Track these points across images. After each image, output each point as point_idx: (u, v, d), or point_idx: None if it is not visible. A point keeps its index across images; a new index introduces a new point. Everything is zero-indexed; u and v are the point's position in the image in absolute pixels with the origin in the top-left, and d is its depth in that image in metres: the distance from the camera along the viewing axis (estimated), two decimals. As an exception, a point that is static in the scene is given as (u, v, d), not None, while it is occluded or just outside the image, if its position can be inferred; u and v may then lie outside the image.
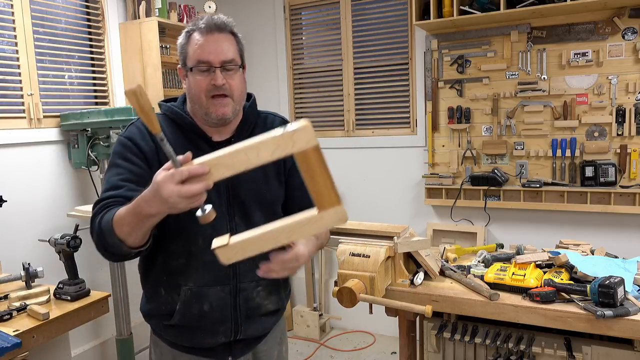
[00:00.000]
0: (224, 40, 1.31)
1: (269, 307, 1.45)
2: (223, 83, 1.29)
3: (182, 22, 3.33)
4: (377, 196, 3.63)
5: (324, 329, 3.74)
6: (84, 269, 2.38)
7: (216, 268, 1.28)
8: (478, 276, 1.99)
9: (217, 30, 1.30)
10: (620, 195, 2.85)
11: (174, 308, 1.35)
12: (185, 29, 1.35)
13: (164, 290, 1.37)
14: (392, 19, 3.53)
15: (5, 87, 2.62)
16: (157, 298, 1.39)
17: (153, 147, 1.31)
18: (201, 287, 1.34)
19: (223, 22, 1.32)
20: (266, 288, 1.43)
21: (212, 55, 1.28)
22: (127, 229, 1.12)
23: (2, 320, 1.72)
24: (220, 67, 1.29)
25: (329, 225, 1.03)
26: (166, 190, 0.97)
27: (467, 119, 3.20)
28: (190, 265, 1.34)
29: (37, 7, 2.77)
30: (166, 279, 1.36)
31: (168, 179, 0.97)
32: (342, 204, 1.01)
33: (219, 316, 1.36)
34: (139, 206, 1.07)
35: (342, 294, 1.81)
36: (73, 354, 2.74)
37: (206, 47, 1.28)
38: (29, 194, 2.68)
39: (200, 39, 1.30)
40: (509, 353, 1.96)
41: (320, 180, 1.00)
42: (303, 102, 3.92)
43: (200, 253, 1.32)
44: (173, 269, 1.34)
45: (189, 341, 1.40)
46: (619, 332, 1.65)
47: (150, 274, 1.40)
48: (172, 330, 1.39)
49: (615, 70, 2.83)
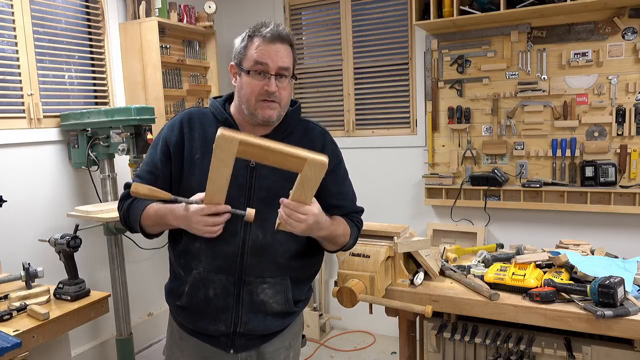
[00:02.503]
0: (283, 50, 1.40)
1: (275, 307, 1.46)
2: (275, 91, 1.38)
3: (182, 22, 3.33)
4: (377, 196, 3.63)
5: (324, 329, 3.74)
6: (84, 269, 2.38)
7: (224, 256, 1.42)
8: (478, 276, 1.99)
9: (279, 40, 1.39)
10: (620, 195, 2.85)
11: (185, 289, 1.46)
12: (248, 31, 1.42)
13: (182, 272, 1.48)
14: (392, 19, 3.53)
15: (5, 87, 2.62)
16: (177, 277, 1.51)
17: (179, 140, 1.45)
18: (209, 273, 1.43)
19: (286, 33, 1.41)
20: (273, 287, 1.44)
21: (270, 61, 1.37)
22: (150, 223, 1.43)
23: (2, 320, 1.71)
24: (275, 75, 1.38)
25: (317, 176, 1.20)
26: (194, 219, 1.27)
27: (467, 119, 3.20)
28: (202, 250, 1.43)
29: (37, 7, 2.77)
30: (183, 261, 1.47)
31: (199, 211, 1.27)
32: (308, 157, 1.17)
33: (221, 304, 1.43)
34: (166, 216, 1.36)
35: (342, 294, 1.81)
36: (73, 354, 2.74)
37: (267, 52, 1.37)
38: (29, 194, 2.68)
39: (262, 44, 1.38)
40: (509, 353, 1.96)
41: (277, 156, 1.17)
42: (303, 102, 3.92)
43: (213, 240, 1.38)
44: (190, 252, 1.45)
45: (193, 324, 1.48)
46: (619, 332, 1.65)
47: (175, 255, 1.51)
48: (182, 311, 1.50)
49: (615, 70, 2.83)
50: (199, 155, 1.42)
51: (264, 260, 1.43)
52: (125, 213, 1.48)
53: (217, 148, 1.16)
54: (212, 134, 1.40)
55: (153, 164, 1.47)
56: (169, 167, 1.45)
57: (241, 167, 1.36)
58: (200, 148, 1.43)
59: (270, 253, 1.43)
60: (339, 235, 1.46)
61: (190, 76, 3.53)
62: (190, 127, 1.46)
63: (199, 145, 1.43)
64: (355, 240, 1.58)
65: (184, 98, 3.48)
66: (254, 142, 1.16)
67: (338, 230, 1.45)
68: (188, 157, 1.44)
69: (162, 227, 1.44)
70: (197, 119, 1.47)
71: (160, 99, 3.08)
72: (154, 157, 1.48)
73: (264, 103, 1.38)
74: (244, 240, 1.41)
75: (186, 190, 1.39)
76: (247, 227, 1.40)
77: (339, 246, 1.51)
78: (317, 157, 1.18)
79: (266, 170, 1.38)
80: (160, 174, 1.45)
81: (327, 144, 1.53)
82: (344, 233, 1.48)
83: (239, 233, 1.40)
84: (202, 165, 1.39)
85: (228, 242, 1.40)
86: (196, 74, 3.58)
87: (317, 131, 1.54)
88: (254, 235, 1.41)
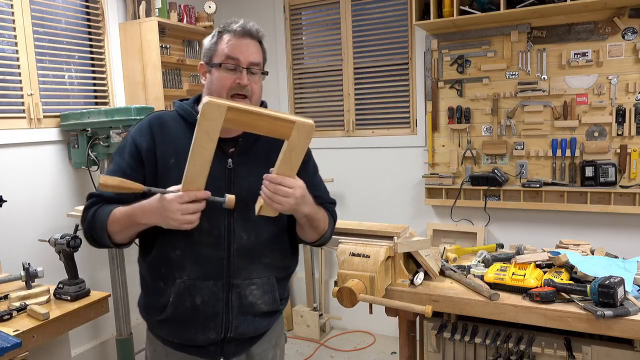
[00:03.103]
0: (253, 46, 1.40)
1: (263, 308, 1.44)
2: (247, 83, 1.36)
3: (182, 22, 3.33)
4: (377, 196, 3.63)
5: (324, 329, 3.74)
6: (84, 269, 2.38)
7: (209, 262, 1.37)
8: (478, 276, 1.99)
9: (249, 35, 1.39)
10: (620, 195, 2.85)
11: (168, 301, 1.38)
12: (217, 29, 1.42)
13: (162, 283, 1.40)
14: (392, 19, 3.53)
15: (5, 87, 2.62)
16: (154, 290, 1.42)
17: (151, 145, 1.39)
18: (194, 280, 1.37)
19: (256, 29, 1.41)
20: (260, 288, 1.43)
21: (242, 55, 1.36)
22: (118, 228, 1.32)
23: (2, 320, 1.71)
24: (247, 69, 1.37)
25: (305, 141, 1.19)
26: (172, 207, 1.19)
27: (467, 119, 3.20)
28: (185, 257, 1.37)
29: (37, 7, 2.77)
30: (164, 271, 1.40)
31: (177, 199, 1.19)
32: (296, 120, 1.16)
33: (210, 311, 1.38)
34: (135, 215, 1.28)
35: (342, 294, 1.81)
36: (73, 354, 2.74)
37: (237, 47, 1.37)
38: (29, 194, 2.68)
39: (232, 39, 1.38)
40: (509, 353, 1.96)
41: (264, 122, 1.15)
42: (303, 102, 3.92)
43: (196, 245, 1.36)
44: (170, 261, 1.38)
45: (180, 337, 1.42)
46: (619, 332, 1.65)
47: (150, 266, 1.43)
48: (165, 325, 1.42)
49: (615, 70, 2.83)
50: (174, 160, 1.37)
51: (250, 261, 1.40)
52: (89, 224, 1.37)
53: (203, 117, 1.10)
54: (184, 139, 1.36)
55: (121, 170, 1.37)
56: (141, 172, 1.37)
57: (219, 168, 1.33)
58: (174, 152, 1.37)
59: (256, 253, 1.41)
60: (320, 218, 1.43)
61: (190, 76, 3.53)
62: (161, 131, 1.40)
63: (172, 150, 1.38)
64: (332, 232, 1.55)
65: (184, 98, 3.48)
66: (242, 107, 1.13)
67: (319, 212, 1.43)
68: (161, 162, 1.38)
69: (132, 230, 1.33)
70: (166, 122, 1.42)
71: (160, 99, 3.08)
72: (120, 164, 1.39)
73: (234, 99, 1.35)
74: (229, 243, 1.37)
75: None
76: (231, 230, 1.37)
77: (319, 233, 1.47)
78: (305, 119, 1.17)
79: (244, 171, 1.38)
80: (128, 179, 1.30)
81: None
82: (324, 218, 1.46)
83: (224, 236, 1.37)
84: (178, 169, 1.31)
85: (213, 246, 1.37)
86: (196, 74, 3.58)
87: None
88: (238, 238, 1.38)
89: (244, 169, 1.38)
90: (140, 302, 1.49)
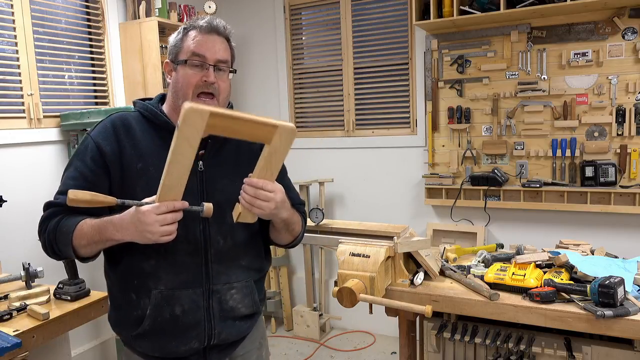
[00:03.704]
0: (220, 42, 1.35)
1: (243, 311, 1.41)
2: (214, 81, 1.31)
3: (182, 22, 3.33)
4: (377, 196, 3.63)
5: (324, 329, 3.74)
6: (84, 269, 2.37)
7: (188, 269, 1.32)
8: (478, 276, 1.99)
9: (216, 32, 1.34)
10: (620, 195, 2.85)
11: (145, 313, 1.31)
12: (182, 26, 1.38)
13: (134, 295, 1.33)
14: (392, 19, 3.53)
15: (5, 87, 2.62)
16: (127, 304, 1.34)
17: (116, 149, 1.31)
18: (173, 290, 1.31)
19: (223, 26, 1.36)
20: (240, 291, 1.40)
21: (208, 52, 1.31)
22: (84, 242, 1.23)
23: (2, 320, 1.72)
24: (214, 66, 1.32)
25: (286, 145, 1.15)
26: (149, 219, 1.11)
27: (467, 119, 3.20)
28: (161, 267, 1.31)
29: (37, 7, 2.77)
30: (137, 282, 1.32)
31: (154, 209, 1.12)
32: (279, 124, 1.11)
33: (191, 320, 1.32)
34: (106, 229, 1.19)
35: (342, 294, 1.81)
36: (73, 354, 2.74)
37: (204, 44, 1.32)
38: (29, 194, 2.68)
39: (198, 35, 1.33)
40: (509, 353, 1.96)
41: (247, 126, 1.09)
42: (303, 102, 3.92)
43: (171, 254, 1.30)
44: (143, 271, 1.31)
45: (160, 350, 1.35)
46: (619, 332, 1.65)
47: (119, 278, 1.36)
48: (143, 339, 1.34)
49: (615, 70, 2.83)
50: (142, 165, 1.30)
51: (229, 265, 1.37)
52: (50, 235, 1.26)
53: (184, 124, 1.03)
54: (150, 141, 1.32)
55: (82, 176, 1.28)
56: (105, 178, 1.29)
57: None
58: (141, 157, 1.30)
59: (233, 257, 1.38)
60: (295, 221, 1.41)
61: (190, 76, 3.53)
62: (126, 134, 1.32)
63: (139, 154, 1.30)
64: (304, 232, 1.52)
65: (184, 98, 3.48)
66: (225, 113, 1.07)
67: (294, 216, 1.41)
68: (128, 166, 1.29)
69: (99, 246, 1.24)
70: (131, 124, 1.34)
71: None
72: (81, 169, 1.29)
73: (200, 98, 1.30)
74: (205, 248, 1.33)
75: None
76: (207, 234, 1.33)
77: (293, 236, 1.45)
78: (286, 123, 1.13)
79: (216, 173, 1.34)
80: (92, 187, 1.22)
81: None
82: (297, 220, 1.44)
83: (200, 242, 1.32)
84: (147, 175, 1.28)
85: (190, 253, 1.31)
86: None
87: None
88: (214, 242, 1.34)
89: (216, 170, 1.34)
90: (110, 316, 1.42)
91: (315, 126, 3.89)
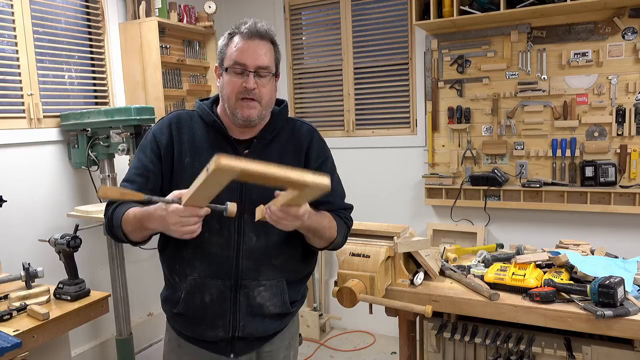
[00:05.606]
0: (262, 47, 1.38)
1: (271, 310, 1.45)
2: (254, 87, 1.36)
3: (182, 22, 3.33)
4: (377, 196, 3.63)
5: (324, 329, 3.74)
6: (84, 269, 2.38)
7: (219, 261, 1.39)
8: (478, 276, 1.99)
9: (258, 36, 1.37)
10: (620, 195, 2.85)
11: (180, 296, 1.43)
12: (228, 30, 1.42)
13: (177, 278, 1.45)
14: (392, 19, 3.53)
15: (5, 87, 2.62)
16: (172, 285, 1.48)
17: (169, 142, 1.42)
18: (204, 278, 1.40)
19: (265, 30, 1.39)
20: (269, 289, 1.43)
21: (249, 59, 1.35)
22: (130, 228, 1.34)
23: (2, 320, 1.71)
24: (254, 72, 1.36)
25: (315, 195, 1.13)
26: (172, 219, 1.18)
27: (467, 119, 3.20)
28: (196, 256, 1.40)
29: (37, 7, 2.77)
30: (178, 267, 1.44)
31: (177, 212, 1.17)
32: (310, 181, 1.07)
33: (218, 309, 1.41)
34: (144, 219, 1.28)
35: (342, 294, 1.81)
36: (73, 354, 2.74)
37: (245, 50, 1.36)
38: (29, 194, 2.68)
39: (240, 42, 1.37)
40: (509, 353, 1.96)
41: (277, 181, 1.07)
42: (303, 102, 3.92)
43: (205, 245, 1.38)
44: (183, 258, 1.42)
45: (192, 331, 1.46)
46: (619, 332, 1.65)
47: (167, 261, 1.48)
48: (179, 318, 1.47)
49: (615, 70, 2.83)
50: (189, 159, 1.40)
51: (259, 263, 1.41)
52: (108, 221, 1.41)
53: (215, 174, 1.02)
54: (200, 137, 1.42)
55: (143, 166, 1.41)
56: (160, 167, 1.41)
57: None
58: (190, 151, 1.40)
59: (265, 255, 1.41)
60: (324, 227, 1.41)
61: (190, 76, 3.53)
62: (178, 130, 1.43)
63: (188, 148, 1.41)
64: (345, 238, 1.53)
65: (184, 98, 3.48)
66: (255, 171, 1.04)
67: (323, 222, 1.40)
68: (177, 160, 1.41)
69: (142, 232, 1.34)
70: (185, 121, 1.45)
71: (160, 99, 3.08)
72: (142, 159, 1.42)
73: (242, 102, 1.36)
74: (238, 243, 1.39)
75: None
76: (241, 230, 1.38)
77: (326, 241, 1.45)
78: (319, 180, 1.08)
79: None
80: (151, 175, 1.40)
81: (314, 141, 1.51)
82: (329, 226, 1.43)
83: (233, 237, 1.38)
84: (192, 169, 1.37)
85: (222, 246, 1.38)
86: (196, 74, 3.58)
87: (304, 129, 1.52)
88: (247, 238, 1.39)
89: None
90: (162, 294, 1.53)
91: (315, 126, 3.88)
